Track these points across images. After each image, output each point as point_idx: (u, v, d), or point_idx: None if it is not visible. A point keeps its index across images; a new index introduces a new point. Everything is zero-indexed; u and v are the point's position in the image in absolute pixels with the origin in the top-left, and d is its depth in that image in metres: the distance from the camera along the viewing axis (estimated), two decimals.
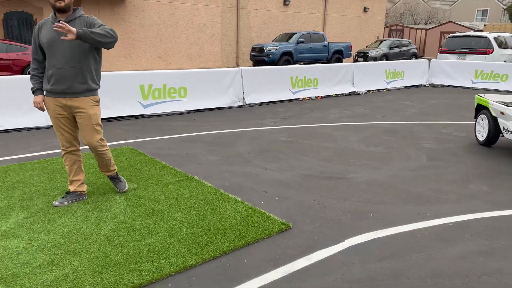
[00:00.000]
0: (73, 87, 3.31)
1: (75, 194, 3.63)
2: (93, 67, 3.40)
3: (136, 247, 2.85)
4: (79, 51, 3.28)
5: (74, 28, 3.02)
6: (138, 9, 18.18)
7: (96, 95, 3.47)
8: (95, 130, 3.46)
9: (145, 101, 7.95)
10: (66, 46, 3.24)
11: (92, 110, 3.41)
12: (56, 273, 2.51)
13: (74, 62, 3.28)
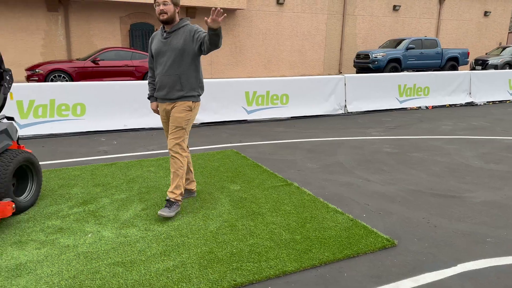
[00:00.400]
0: (170, 94, 3.45)
1: (186, 191, 3.91)
2: (193, 75, 3.45)
3: (238, 246, 2.96)
4: (179, 61, 3.39)
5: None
6: (247, 19, 18.99)
7: (189, 101, 3.46)
8: (176, 132, 3.44)
9: (249, 107, 8.26)
10: (168, 55, 3.40)
11: (180, 113, 3.44)
12: (167, 263, 2.72)
13: (173, 70, 3.40)
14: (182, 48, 3.36)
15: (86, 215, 3.49)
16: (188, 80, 3.44)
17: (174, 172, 3.49)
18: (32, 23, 15.22)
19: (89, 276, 2.56)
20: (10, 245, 2.93)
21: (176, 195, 3.49)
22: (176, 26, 3.41)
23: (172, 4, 3.33)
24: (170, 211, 3.42)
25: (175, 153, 3.47)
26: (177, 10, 3.40)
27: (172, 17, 3.36)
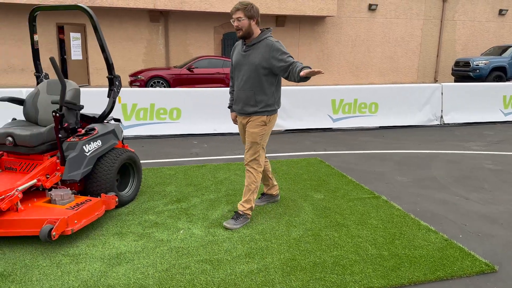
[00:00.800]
0: (244, 109, 3.41)
1: (267, 196, 3.97)
2: (268, 92, 3.35)
3: (322, 256, 2.92)
4: (255, 77, 3.30)
5: (312, 70, 3.00)
6: (336, 26, 18.76)
7: (264, 116, 3.38)
8: (251, 147, 3.41)
9: (335, 115, 8.13)
10: (245, 70, 3.32)
11: (254, 129, 3.38)
12: (251, 266, 2.79)
13: (247, 87, 3.33)
14: (258, 64, 3.27)
15: (178, 212, 3.72)
16: (263, 96, 3.34)
17: (247, 186, 3.47)
18: (137, 33, 16.68)
19: (179, 271, 2.72)
20: (112, 235, 3.24)
21: (246, 208, 3.47)
22: (256, 40, 3.30)
23: (246, 19, 3.22)
24: (236, 223, 3.41)
25: (250, 168, 3.45)
26: (253, 23, 3.26)
27: (247, 31, 3.26)
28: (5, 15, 15.26)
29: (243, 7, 3.22)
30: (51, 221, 2.89)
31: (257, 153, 3.42)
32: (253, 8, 3.25)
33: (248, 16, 3.23)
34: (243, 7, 3.23)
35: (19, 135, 3.36)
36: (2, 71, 15.66)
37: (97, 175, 3.58)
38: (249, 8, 3.23)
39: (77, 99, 3.72)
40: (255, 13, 3.26)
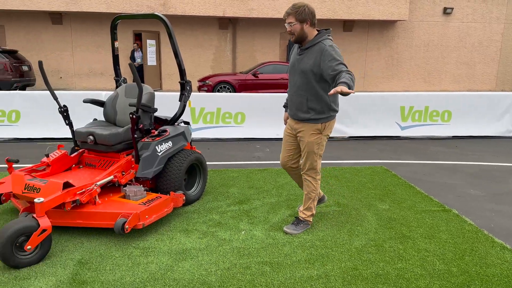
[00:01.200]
0: (296, 115, 3.29)
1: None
2: (321, 98, 3.18)
3: (385, 268, 2.84)
4: (305, 81, 3.16)
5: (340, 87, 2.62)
6: (407, 30, 18.05)
7: (318, 124, 3.22)
8: (309, 158, 3.30)
9: (403, 123, 7.82)
10: (298, 74, 3.19)
11: (309, 138, 3.26)
12: (311, 272, 2.78)
13: (300, 92, 3.21)
14: (310, 70, 3.11)
15: (240, 213, 3.81)
16: (316, 103, 3.18)
17: (306, 195, 3.42)
18: (206, 40, 17.33)
19: (240, 270, 2.79)
20: (179, 232, 3.40)
21: (306, 215, 3.44)
22: (310, 43, 3.13)
23: (298, 23, 3.08)
24: (296, 229, 3.40)
25: (308, 177, 3.38)
26: (306, 26, 3.10)
27: (300, 35, 3.12)
28: (87, 23, 16.64)
29: (294, 11, 3.08)
30: (125, 215, 3.11)
31: (315, 162, 3.32)
32: (305, 10, 3.07)
33: (299, 20, 3.08)
34: (294, 11, 3.08)
35: (99, 134, 3.66)
36: (84, 75, 17.07)
37: (167, 174, 3.79)
38: (301, 12, 3.07)
39: (152, 102, 3.97)
40: (307, 15, 3.08)
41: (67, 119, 3.89)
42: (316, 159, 3.32)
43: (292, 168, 3.58)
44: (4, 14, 16.10)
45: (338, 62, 2.97)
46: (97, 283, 2.62)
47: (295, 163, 3.54)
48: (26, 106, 7.11)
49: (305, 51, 3.17)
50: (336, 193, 4.42)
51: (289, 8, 3.12)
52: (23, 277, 2.66)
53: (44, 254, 2.86)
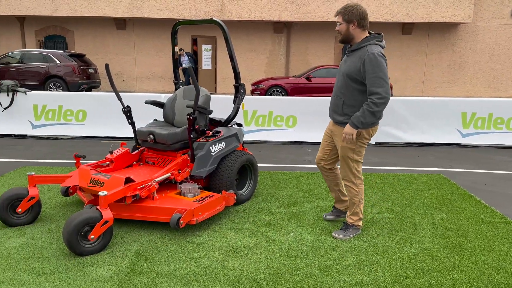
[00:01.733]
0: (333, 116, 3.29)
1: (336, 210, 3.74)
2: (359, 103, 3.10)
3: (439, 278, 2.74)
4: (345, 84, 3.14)
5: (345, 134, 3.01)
6: (471, 33, 17.13)
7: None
8: (345, 163, 3.25)
9: (465, 130, 7.45)
10: (341, 75, 3.19)
11: (342, 142, 3.20)
12: (361, 277, 2.75)
13: (339, 93, 3.19)
14: (350, 74, 3.08)
15: (290, 215, 3.84)
16: (353, 107, 3.12)
17: (350, 200, 3.37)
18: (261, 44, 17.54)
19: (289, 271, 2.82)
20: (230, 230, 3.49)
21: (354, 220, 3.39)
22: (356, 46, 3.10)
23: (344, 23, 3.06)
24: (345, 234, 3.36)
25: (348, 182, 3.31)
26: (352, 27, 3.05)
27: (346, 36, 3.10)
28: (149, 29, 17.47)
29: (342, 11, 3.07)
30: (180, 210, 3.25)
31: (353, 166, 3.25)
32: (353, 11, 3.02)
33: (346, 20, 3.05)
34: (342, 11, 3.07)
35: (159, 133, 3.85)
36: (145, 78, 17.93)
37: (219, 173, 3.91)
38: (348, 12, 3.03)
39: (207, 104, 4.12)
40: (354, 16, 3.02)
41: (130, 119, 4.13)
42: (351, 164, 3.24)
43: (325, 169, 3.55)
44: (74, 20, 17.35)
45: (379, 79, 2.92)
46: (153, 273, 2.77)
47: (328, 164, 3.52)
48: (92, 107, 7.63)
49: (351, 53, 3.15)
50: (390, 200, 4.31)
51: (341, 7, 3.11)
52: (86, 264, 2.87)
53: (105, 244, 3.06)
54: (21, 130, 7.71)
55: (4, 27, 17.54)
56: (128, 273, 2.76)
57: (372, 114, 2.95)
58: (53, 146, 6.93)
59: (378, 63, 2.93)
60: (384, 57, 3.01)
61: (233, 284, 2.65)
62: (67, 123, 7.65)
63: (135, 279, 2.69)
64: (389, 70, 17.48)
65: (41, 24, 17.53)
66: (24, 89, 7.75)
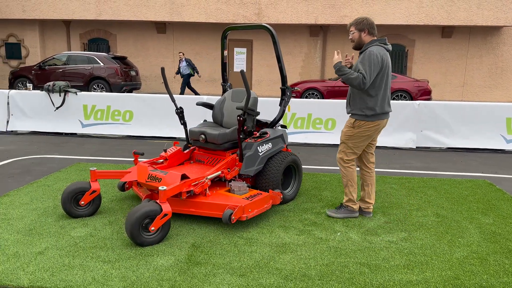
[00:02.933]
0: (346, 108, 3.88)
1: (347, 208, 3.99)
2: (358, 96, 3.67)
3: (489, 280, 2.77)
4: None
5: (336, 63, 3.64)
6: None
7: (353, 119, 3.74)
8: (341, 146, 3.84)
9: (509, 136, 7.27)
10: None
11: (344, 128, 3.84)
12: (410, 277, 2.82)
13: (349, 90, 3.80)
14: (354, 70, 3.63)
15: None
16: (355, 100, 3.71)
17: (344, 181, 3.90)
18: (296, 47, 17.64)
19: (339, 268, 2.92)
20: (278, 227, 3.63)
21: (345, 200, 3.90)
22: (362, 49, 3.69)
23: (357, 32, 3.67)
24: (337, 213, 3.88)
25: (339, 165, 3.89)
26: (363, 34, 3.65)
27: (359, 42, 3.70)
28: (187, 32, 17.92)
29: (355, 22, 3.69)
30: (231, 207, 3.42)
31: (343, 151, 3.81)
32: (364, 21, 3.65)
33: (358, 29, 3.66)
34: (354, 22, 3.70)
35: (210, 133, 4.05)
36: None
37: (266, 173, 4.05)
38: (359, 22, 3.66)
39: (255, 106, 4.28)
40: (365, 25, 3.64)
41: (182, 119, 4.35)
42: (344, 149, 3.81)
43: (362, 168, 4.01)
44: (116, 24, 18.05)
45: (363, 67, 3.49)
46: (209, 265, 2.94)
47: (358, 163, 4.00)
48: (139, 107, 7.97)
49: (360, 55, 3.69)
50: (435, 204, 4.32)
51: (353, 20, 3.74)
52: (147, 254, 3.08)
53: (164, 236, 3.27)
54: (72, 128, 8.16)
55: (51, 30, 18.48)
56: (187, 263, 2.94)
57: (347, 78, 3.56)
58: (102, 144, 7.31)
59: (371, 57, 3.50)
60: (383, 56, 3.55)
61: (286, 277, 2.78)
62: (115, 123, 8.03)
63: (193, 269, 2.87)
64: (428, 74, 17.14)
65: (86, 27, 18.35)
66: (75, 90, 8.20)
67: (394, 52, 17.28)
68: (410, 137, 7.42)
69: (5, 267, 2.84)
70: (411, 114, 7.39)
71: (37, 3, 17.00)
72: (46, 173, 5.25)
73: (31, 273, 2.78)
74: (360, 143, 3.76)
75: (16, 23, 18.07)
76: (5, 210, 3.90)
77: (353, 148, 3.78)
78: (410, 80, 13.65)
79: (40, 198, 4.25)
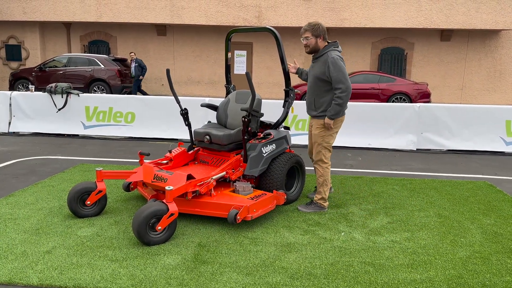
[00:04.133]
0: (309, 112, 4.11)
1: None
2: (325, 98, 3.91)
3: (492, 279, 2.81)
4: (315, 85, 3.95)
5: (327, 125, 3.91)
6: None
7: (321, 119, 3.95)
8: (315, 147, 4.05)
9: (509, 138, 7.33)
10: (310, 79, 4.01)
11: (315, 131, 4.03)
12: (414, 275, 2.86)
13: (311, 93, 4.01)
14: (318, 76, 3.87)
15: (338, 216, 3.97)
16: (322, 101, 3.93)
17: (317, 180, 4.11)
18: (296, 50, 17.70)
19: (343, 267, 2.96)
20: (282, 227, 3.67)
21: (317, 198, 4.09)
22: (319, 53, 3.90)
23: (313, 38, 3.83)
24: (307, 208, 4.09)
25: (316, 164, 4.09)
26: (319, 40, 3.84)
27: (315, 48, 3.88)
28: (188, 35, 17.98)
29: (311, 28, 3.82)
30: (237, 207, 3.46)
31: (320, 152, 4.02)
32: (320, 28, 3.82)
33: (315, 35, 3.82)
34: (310, 28, 3.82)
35: (215, 134, 4.09)
36: (183, 83, 18.43)
37: (270, 173, 4.09)
38: (316, 29, 3.81)
39: (259, 107, 4.32)
40: (321, 32, 3.83)
41: (187, 120, 4.39)
42: (320, 150, 4.01)
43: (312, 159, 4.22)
44: (117, 26, 18.10)
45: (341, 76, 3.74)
46: (216, 263, 2.97)
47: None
48: (141, 109, 8.01)
49: (316, 60, 3.94)
50: (437, 205, 4.37)
51: (306, 25, 3.87)
52: (154, 253, 3.11)
53: (170, 235, 3.30)
54: (74, 130, 8.18)
55: (51, 32, 18.51)
56: (194, 262, 2.98)
57: (340, 106, 3.80)
58: (104, 145, 7.34)
59: (338, 65, 3.75)
60: (342, 59, 3.84)
61: (292, 276, 2.82)
62: (117, 124, 8.06)
63: (200, 268, 2.90)
64: (427, 77, 17.23)
65: (86, 29, 18.39)
66: (77, 92, 8.24)
67: (393, 55, 17.37)
68: (411, 139, 7.47)
69: (14, 266, 2.87)
70: (412, 117, 7.45)
71: (38, 5, 17.03)
72: (50, 174, 5.28)
73: (40, 271, 2.81)
74: (332, 140, 4.04)
75: (16, 25, 18.10)
76: (11, 210, 3.93)
77: (328, 147, 4.03)
78: (409, 83, 13.72)
79: (46, 198, 4.28)
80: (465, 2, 15.50)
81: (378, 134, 7.60)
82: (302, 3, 16.11)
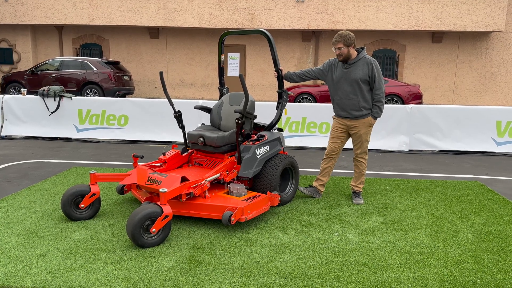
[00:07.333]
0: (350, 113, 4.29)
1: (314, 189, 4.58)
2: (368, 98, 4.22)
3: (483, 277, 2.85)
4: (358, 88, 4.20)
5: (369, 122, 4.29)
6: (503, 42, 16.89)
7: (368, 117, 4.27)
8: (363, 144, 4.37)
9: (499, 138, 7.45)
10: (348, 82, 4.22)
11: (363, 130, 4.31)
12: (407, 274, 2.89)
13: (352, 95, 4.23)
14: (359, 78, 4.13)
15: (332, 217, 4.00)
16: (365, 102, 4.23)
17: (360, 172, 4.46)
18: (289, 52, 17.79)
19: (337, 267, 2.99)
20: (276, 228, 3.69)
21: (361, 188, 4.51)
22: (355, 59, 4.18)
23: (345, 47, 4.11)
24: (361, 199, 4.46)
25: (361, 158, 4.44)
26: (351, 49, 4.13)
27: (347, 56, 4.16)
28: (181, 37, 17.98)
29: (342, 39, 4.10)
30: (231, 208, 3.47)
31: (365, 147, 4.39)
32: (350, 37, 4.11)
33: (346, 45, 4.11)
34: (341, 39, 4.10)
35: (209, 136, 4.10)
36: (176, 85, 18.42)
37: (264, 175, 4.11)
38: (347, 38, 4.10)
39: (253, 109, 4.35)
40: (352, 41, 4.12)
41: (181, 122, 4.40)
42: (366, 145, 4.39)
43: (335, 155, 4.52)
44: (109, 29, 18.05)
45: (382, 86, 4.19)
46: (211, 265, 2.98)
47: (338, 153, 4.54)
48: (134, 112, 7.99)
49: (350, 65, 4.19)
50: (429, 205, 4.42)
51: (337, 36, 4.14)
52: (148, 255, 3.12)
53: (164, 237, 3.31)
54: (67, 133, 8.15)
55: (43, 35, 18.41)
56: (188, 264, 2.99)
57: (383, 106, 4.26)
58: (97, 148, 7.32)
59: (379, 68, 4.19)
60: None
61: (286, 276, 2.84)
62: (110, 127, 8.04)
63: (195, 269, 2.91)
64: (419, 79, 17.38)
65: (78, 32, 18.32)
66: (70, 95, 8.20)
67: (386, 57, 17.50)
68: (403, 140, 7.54)
69: (7, 269, 2.86)
70: (404, 118, 7.52)
71: (29, 8, 16.94)
72: (43, 177, 5.26)
73: (34, 274, 2.80)
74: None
75: (8, 28, 17.98)
76: (4, 214, 3.90)
77: (369, 140, 4.40)
78: (401, 85, 13.83)
79: (39, 202, 4.26)
80: (456, 4, 15.68)
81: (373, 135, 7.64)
82: (295, 6, 16.20)
